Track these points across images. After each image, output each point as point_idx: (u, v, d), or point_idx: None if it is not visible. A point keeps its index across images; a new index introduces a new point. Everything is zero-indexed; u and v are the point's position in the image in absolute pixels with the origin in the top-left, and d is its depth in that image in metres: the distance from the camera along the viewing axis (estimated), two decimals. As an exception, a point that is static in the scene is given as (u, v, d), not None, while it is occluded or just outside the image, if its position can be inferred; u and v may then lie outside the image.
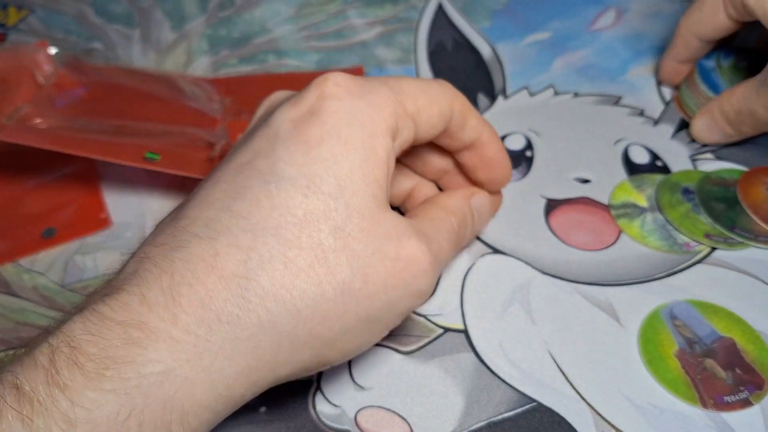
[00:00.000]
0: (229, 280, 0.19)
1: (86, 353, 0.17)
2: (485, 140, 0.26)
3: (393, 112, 0.22)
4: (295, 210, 0.20)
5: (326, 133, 0.21)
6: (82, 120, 0.34)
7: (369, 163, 0.21)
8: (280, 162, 0.20)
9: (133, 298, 0.18)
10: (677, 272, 0.29)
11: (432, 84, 0.24)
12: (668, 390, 0.25)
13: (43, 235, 0.32)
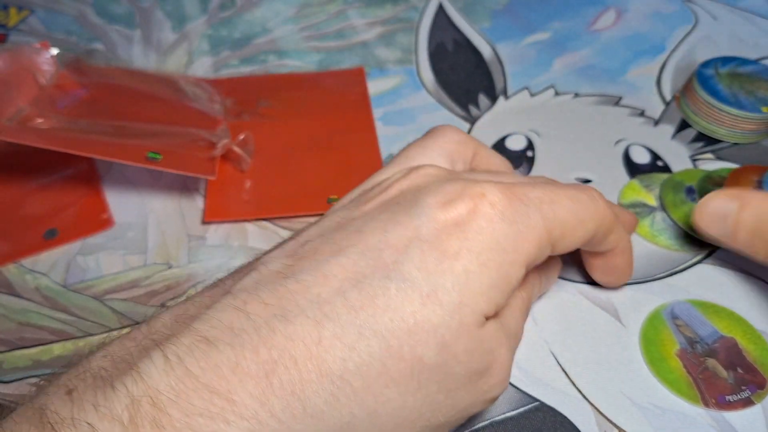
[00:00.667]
0: (324, 376, 0.18)
1: (168, 415, 0.17)
2: (617, 251, 0.25)
3: (538, 243, 0.21)
4: (408, 317, 0.19)
5: (466, 248, 0.20)
6: (83, 121, 0.34)
7: (498, 287, 0.20)
8: (409, 263, 0.20)
9: (225, 361, 0.18)
10: (678, 272, 0.29)
11: (586, 204, 0.23)
12: (670, 390, 0.25)
13: (45, 236, 0.32)
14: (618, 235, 0.25)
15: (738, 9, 0.41)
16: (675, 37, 0.40)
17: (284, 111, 0.37)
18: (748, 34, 0.39)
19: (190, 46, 0.42)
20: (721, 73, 0.35)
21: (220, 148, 0.33)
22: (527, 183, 0.23)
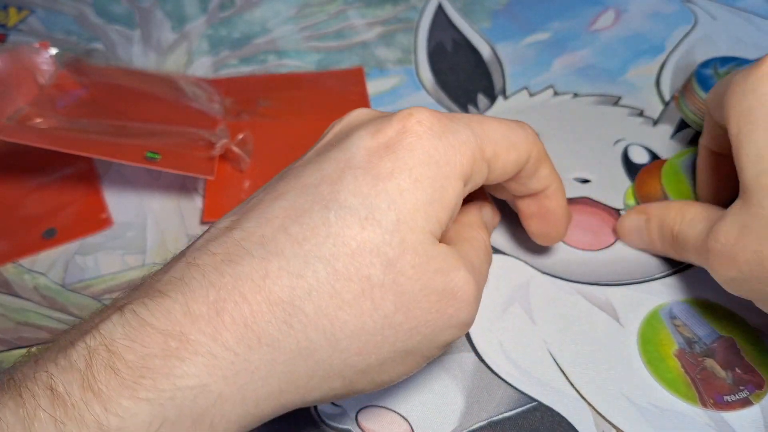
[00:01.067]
0: (275, 305, 0.19)
1: (124, 359, 0.17)
2: (550, 192, 0.26)
3: (470, 157, 0.22)
4: (349, 241, 0.20)
5: (398, 168, 0.20)
6: (83, 120, 0.34)
7: (435, 203, 0.21)
8: (344, 191, 0.20)
9: (177, 306, 0.18)
10: (677, 272, 0.29)
11: (514, 128, 0.23)
12: (668, 390, 0.25)
13: (44, 236, 0.32)
14: (550, 171, 0.25)
15: (737, 9, 0.41)
16: (674, 37, 0.39)
17: (283, 111, 0.37)
18: (747, 35, 0.39)
19: (190, 46, 0.42)
20: (720, 73, 0.35)
21: (219, 147, 0.33)
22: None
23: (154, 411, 0.17)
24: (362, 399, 0.26)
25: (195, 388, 0.18)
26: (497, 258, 0.30)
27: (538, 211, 0.26)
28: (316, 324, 0.19)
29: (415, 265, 0.20)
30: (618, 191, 0.32)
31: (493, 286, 0.29)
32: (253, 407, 0.19)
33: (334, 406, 0.26)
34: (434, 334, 0.21)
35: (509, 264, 0.30)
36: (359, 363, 0.20)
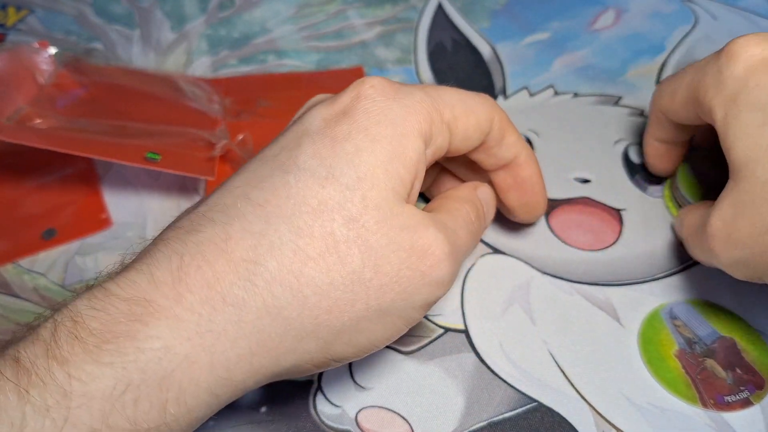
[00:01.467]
0: (238, 264, 0.19)
1: (88, 328, 0.18)
2: (521, 161, 0.26)
3: (427, 117, 0.22)
4: (310, 200, 0.20)
5: (354, 129, 0.21)
6: (82, 120, 0.34)
7: (394, 159, 0.21)
8: (303, 155, 0.21)
9: (142, 276, 0.19)
10: (677, 272, 0.29)
11: (472, 95, 0.24)
12: (668, 390, 0.25)
13: (44, 236, 0.32)
14: (517, 138, 0.25)
15: (738, 9, 0.41)
16: (675, 36, 0.39)
17: (283, 111, 0.37)
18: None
19: (189, 46, 0.42)
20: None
21: (219, 148, 0.33)
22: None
23: (117, 374, 0.17)
24: (362, 400, 0.26)
25: (159, 350, 0.18)
26: (497, 258, 0.30)
27: (513, 183, 0.26)
28: (281, 280, 0.19)
29: (379, 220, 0.20)
30: (618, 191, 0.32)
31: (493, 286, 0.29)
32: (224, 371, 0.19)
33: (333, 406, 0.26)
34: (408, 293, 0.21)
35: (509, 264, 0.30)
36: (332, 321, 0.20)
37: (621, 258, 0.30)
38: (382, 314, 0.21)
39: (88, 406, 0.17)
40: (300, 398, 0.26)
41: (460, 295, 0.29)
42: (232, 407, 0.26)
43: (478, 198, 0.26)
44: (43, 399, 0.17)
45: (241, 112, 0.37)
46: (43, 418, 0.17)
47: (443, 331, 0.28)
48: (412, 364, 0.27)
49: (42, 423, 0.17)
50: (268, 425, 0.26)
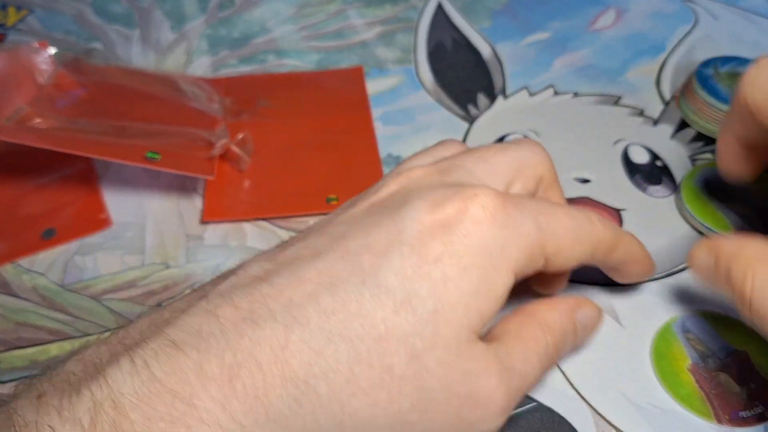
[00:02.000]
0: (289, 380, 0.18)
1: (130, 420, 0.16)
2: (629, 263, 0.24)
3: (529, 252, 0.20)
4: (379, 323, 0.18)
5: (448, 253, 0.19)
6: (82, 120, 0.34)
7: (480, 295, 0.19)
8: (386, 267, 0.19)
9: (189, 364, 0.17)
10: (676, 272, 0.29)
11: (582, 220, 0.22)
12: (684, 406, 0.25)
13: (43, 236, 0.32)
14: (624, 251, 0.23)
15: (738, 9, 0.41)
16: (675, 36, 0.39)
17: (283, 111, 0.37)
18: (748, 34, 0.39)
19: (189, 46, 0.42)
20: (721, 72, 0.34)
21: (218, 147, 0.33)
22: (526, 195, 0.22)
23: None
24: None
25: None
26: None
27: (619, 275, 0.25)
28: (328, 407, 0.18)
29: (442, 362, 0.19)
30: (618, 191, 0.32)
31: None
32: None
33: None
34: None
35: (509, 264, 0.30)
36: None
37: (621, 258, 0.30)
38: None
39: None
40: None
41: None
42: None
43: (575, 322, 0.23)
44: None
45: (241, 111, 0.37)
46: None
47: (443, 331, 0.28)
48: (412, 364, 0.27)
49: None
50: None
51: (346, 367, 0.18)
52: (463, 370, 0.19)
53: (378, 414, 0.18)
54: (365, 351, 0.18)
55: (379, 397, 0.18)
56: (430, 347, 0.18)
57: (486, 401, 0.19)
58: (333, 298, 0.19)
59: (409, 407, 0.19)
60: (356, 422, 0.18)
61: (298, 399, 0.18)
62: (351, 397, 0.18)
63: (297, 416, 0.18)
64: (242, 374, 0.17)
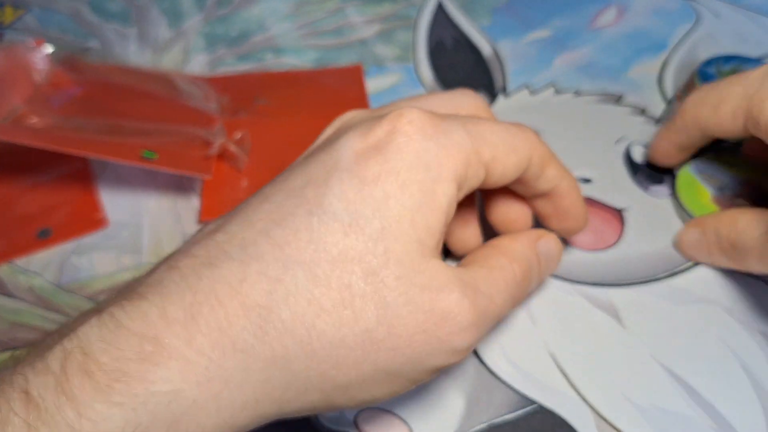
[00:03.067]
0: (251, 309, 0.18)
1: (98, 362, 0.17)
2: (562, 191, 0.25)
3: (465, 159, 0.21)
4: (331, 247, 0.19)
5: (385, 171, 0.20)
6: (78, 119, 0.34)
7: (424, 208, 0.20)
8: (330, 194, 0.20)
9: (153, 309, 0.18)
10: (679, 272, 0.29)
11: (514, 132, 0.22)
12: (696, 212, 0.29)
13: (39, 236, 0.32)
14: (557, 171, 0.24)
15: (740, 7, 0.40)
16: (677, 34, 0.39)
17: (281, 109, 0.37)
18: (750, 33, 0.39)
19: (187, 44, 0.42)
20: (723, 71, 0.34)
21: (216, 146, 0.33)
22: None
23: (127, 416, 0.17)
24: (360, 401, 0.26)
25: (169, 393, 0.17)
26: (497, 258, 0.30)
27: (553, 210, 0.25)
28: (293, 331, 0.19)
29: (399, 276, 0.19)
30: (620, 191, 0.32)
31: (494, 286, 0.29)
32: (229, 417, 0.18)
33: (332, 408, 0.26)
34: (420, 358, 0.20)
35: (510, 264, 0.30)
36: (338, 378, 0.19)
37: (622, 258, 0.30)
38: (390, 376, 0.20)
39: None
40: (297, 400, 0.26)
41: (460, 295, 0.29)
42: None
43: (537, 253, 0.24)
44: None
45: (239, 110, 0.36)
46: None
47: (443, 332, 0.28)
48: (411, 366, 0.27)
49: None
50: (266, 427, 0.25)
51: (306, 290, 0.19)
52: (422, 285, 0.19)
53: (346, 334, 0.19)
54: (322, 274, 0.19)
55: (343, 316, 0.19)
56: (384, 264, 0.19)
57: (451, 315, 0.20)
58: (284, 230, 0.19)
59: (375, 323, 0.19)
60: (325, 344, 0.19)
61: (262, 327, 0.18)
62: (316, 319, 0.19)
63: (264, 343, 0.18)
64: (204, 311, 0.18)
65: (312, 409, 0.20)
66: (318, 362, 0.19)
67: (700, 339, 0.27)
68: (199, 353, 0.18)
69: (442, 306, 0.19)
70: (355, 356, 0.19)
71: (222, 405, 0.18)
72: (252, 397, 0.19)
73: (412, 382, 0.21)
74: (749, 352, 0.26)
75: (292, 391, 0.19)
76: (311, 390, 0.19)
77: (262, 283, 0.19)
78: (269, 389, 0.19)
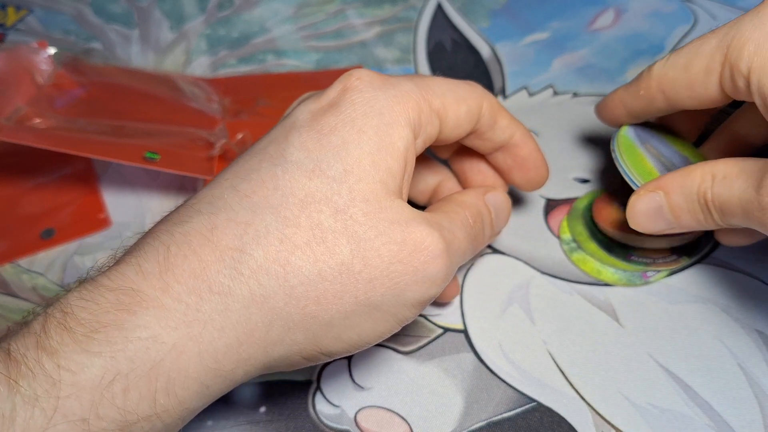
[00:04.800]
0: (223, 253, 0.19)
1: (77, 318, 0.18)
2: (518, 140, 0.25)
3: (415, 106, 0.22)
4: (297, 191, 0.20)
5: (341, 121, 0.21)
6: (81, 120, 0.34)
7: (382, 150, 0.21)
8: (290, 147, 0.21)
9: (130, 267, 0.19)
10: (677, 271, 0.29)
11: (460, 83, 0.24)
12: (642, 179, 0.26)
13: (42, 236, 0.32)
14: (510, 121, 0.25)
15: (737, 8, 0.41)
16: (674, 36, 0.39)
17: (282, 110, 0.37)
18: (747, 34, 0.39)
19: (189, 46, 0.42)
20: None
21: (218, 147, 0.33)
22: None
23: (106, 364, 0.17)
24: (361, 400, 0.26)
25: (146, 339, 0.18)
26: (497, 258, 0.30)
27: (514, 162, 0.26)
28: (267, 269, 0.19)
29: (367, 212, 0.20)
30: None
31: (493, 286, 0.29)
32: (212, 361, 0.19)
33: (333, 406, 0.26)
34: (399, 288, 0.20)
35: (509, 264, 0.30)
36: (320, 313, 0.20)
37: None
38: (372, 309, 0.20)
39: (77, 396, 0.17)
40: (299, 398, 0.26)
41: (460, 295, 0.29)
42: (231, 407, 0.26)
43: (486, 203, 0.25)
44: (32, 389, 0.17)
45: (240, 111, 0.37)
46: (33, 408, 0.17)
47: (442, 331, 0.28)
48: (411, 364, 0.27)
49: (31, 413, 0.17)
50: (267, 425, 0.25)
51: (277, 230, 0.20)
52: (390, 219, 0.20)
53: (322, 268, 0.19)
54: (291, 215, 0.20)
55: (317, 251, 0.20)
56: (350, 202, 0.20)
57: (423, 245, 0.20)
58: (250, 183, 0.20)
59: (349, 256, 0.20)
60: (302, 279, 0.19)
61: (237, 268, 0.19)
62: (290, 256, 0.19)
63: (240, 283, 0.19)
64: (178, 261, 0.19)
65: (299, 353, 0.20)
66: (297, 298, 0.19)
67: (696, 337, 0.27)
68: (175, 300, 0.19)
69: (413, 237, 0.20)
70: (334, 289, 0.20)
71: (203, 349, 0.19)
72: (234, 338, 0.19)
73: (395, 319, 0.21)
74: (745, 351, 0.26)
75: (275, 330, 0.20)
76: (294, 329, 0.20)
77: (231, 228, 0.19)
78: (251, 328, 0.19)
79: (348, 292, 0.20)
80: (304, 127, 0.21)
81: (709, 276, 0.29)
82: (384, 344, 0.27)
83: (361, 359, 0.27)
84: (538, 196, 0.32)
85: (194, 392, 0.19)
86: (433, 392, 0.26)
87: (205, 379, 0.19)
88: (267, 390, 0.26)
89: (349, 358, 0.27)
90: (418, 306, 0.21)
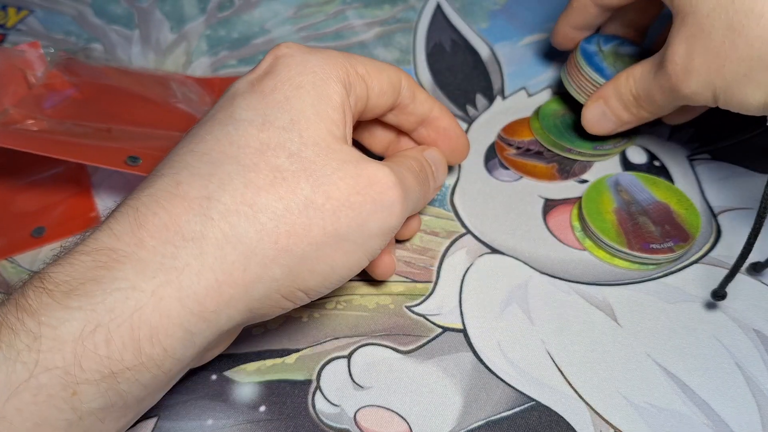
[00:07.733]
0: (192, 202, 0.20)
1: (55, 281, 0.19)
2: (437, 113, 0.28)
3: (343, 67, 0.24)
4: (251, 142, 0.21)
5: (279, 81, 0.23)
6: (67, 123, 0.34)
7: (321, 102, 0.22)
8: (238, 109, 0.22)
9: (102, 233, 0.20)
10: (674, 272, 0.29)
11: (381, 61, 0.26)
12: (602, 235, 0.29)
13: (33, 234, 0.32)
14: (427, 95, 0.28)
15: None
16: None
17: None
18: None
19: (189, 47, 0.42)
20: (604, 50, 0.34)
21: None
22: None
23: (86, 316, 0.18)
24: (360, 399, 0.26)
25: (125, 289, 0.19)
26: (495, 258, 0.30)
27: (436, 135, 0.28)
28: (236, 210, 0.20)
29: (319, 153, 0.22)
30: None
31: (492, 286, 0.29)
32: (195, 305, 0.19)
33: (332, 405, 0.26)
34: (362, 218, 0.22)
35: (507, 264, 0.30)
36: (292, 247, 0.21)
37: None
38: (341, 240, 0.22)
39: (59, 349, 0.18)
40: (299, 397, 0.26)
41: (459, 294, 0.29)
42: (231, 406, 0.26)
43: (425, 157, 0.28)
44: (13, 346, 0.17)
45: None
46: (14, 363, 0.17)
47: (441, 331, 0.28)
48: (411, 364, 0.27)
49: (13, 367, 0.17)
50: (266, 424, 0.26)
51: (240, 176, 0.21)
52: (342, 159, 0.22)
53: (288, 204, 0.21)
54: (250, 162, 0.21)
55: (281, 190, 0.21)
56: (303, 146, 0.22)
57: (377, 177, 0.22)
58: (206, 143, 0.22)
59: (311, 192, 0.21)
60: (271, 215, 0.20)
61: (206, 213, 0.20)
62: (256, 197, 0.20)
63: (211, 227, 0.20)
64: (148, 218, 0.20)
65: (278, 290, 0.21)
66: (269, 233, 0.20)
67: (694, 337, 0.27)
68: (150, 252, 0.19)
69: (366, 172, 0.22)
70: (302, 222, 0.21)
71: (184, 293, 0.19)
72: (213, 280, 0.20)
73: (362, 250, 0.22)
74: (743, 350, 0.27)
75: (252, 267, 0.20)
76: (270, 264, 0.21)
77: (196, 180, 0.21)
78: (228, 268, 0.20)
79: (315, 224, 0.21)
80: (246, 92, 0.23)
81: (707, 276, 0.29)
82: (383, 344, 0.28)
83: (361, 359, 0.27)
84: (537, 197, 0.32)
85: (179, 339, 0.19)
86: (432, 391, 0.26)
87: (189, 324, 0.19)
88: (267, 389, 0.26)
89: (348, 357, 0.27)
90: (381, 236, 0.23)
